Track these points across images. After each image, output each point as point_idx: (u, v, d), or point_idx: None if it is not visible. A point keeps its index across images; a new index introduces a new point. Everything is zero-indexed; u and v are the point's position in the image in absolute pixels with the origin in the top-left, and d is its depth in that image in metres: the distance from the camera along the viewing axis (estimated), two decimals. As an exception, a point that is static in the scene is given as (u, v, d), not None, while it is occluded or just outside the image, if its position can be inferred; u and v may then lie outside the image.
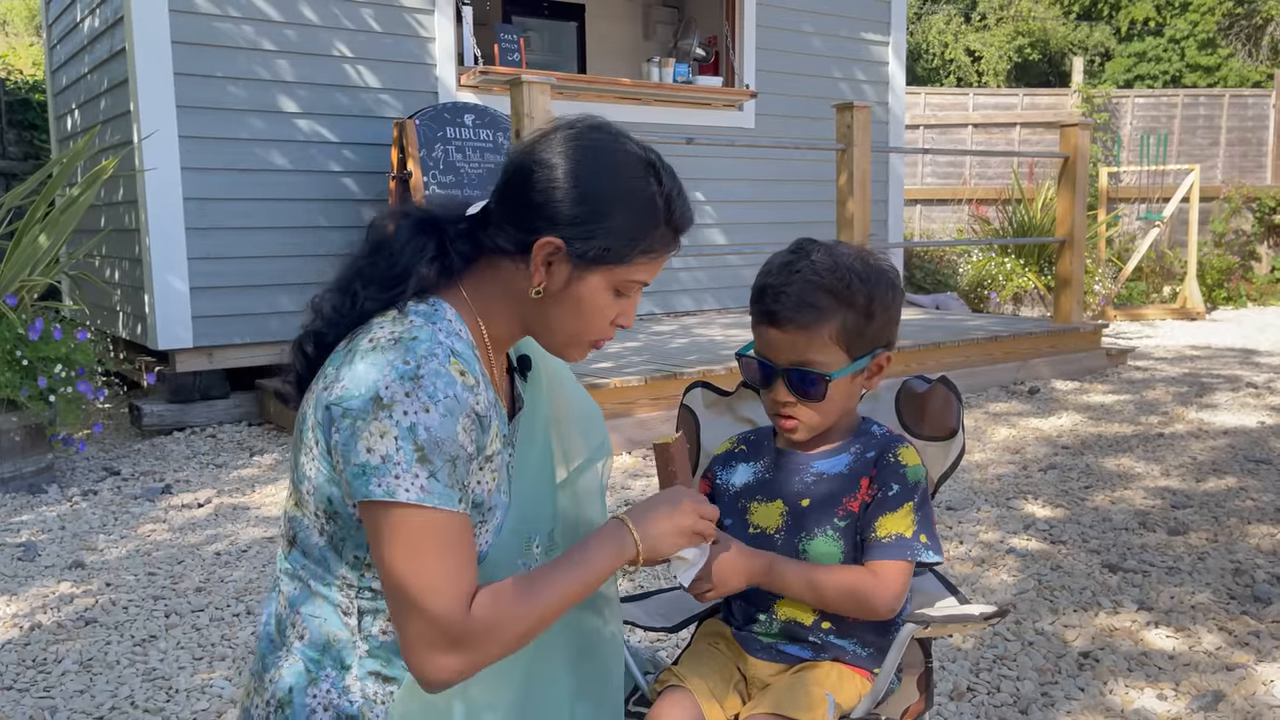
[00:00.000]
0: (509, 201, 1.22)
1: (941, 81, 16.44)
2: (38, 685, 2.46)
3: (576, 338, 1.26)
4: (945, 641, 2.58)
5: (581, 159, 1.19)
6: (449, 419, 1.11)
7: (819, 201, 7.24)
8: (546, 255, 1.19)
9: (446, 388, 1.12)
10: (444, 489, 1.11)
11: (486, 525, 1.22)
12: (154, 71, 5.01)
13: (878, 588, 1.35)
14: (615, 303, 1.24)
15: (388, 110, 5.64)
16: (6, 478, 4.08)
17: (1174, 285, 10.38)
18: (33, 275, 4.29)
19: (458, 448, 1.13)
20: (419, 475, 1.10)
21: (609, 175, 1.19)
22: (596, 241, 1.18)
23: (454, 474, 1.13)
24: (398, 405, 1.10)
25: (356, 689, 1.19)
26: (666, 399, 4.60)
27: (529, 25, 8.10)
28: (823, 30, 7.42)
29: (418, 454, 1.10)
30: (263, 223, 5.31)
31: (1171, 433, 4.73)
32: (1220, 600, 2.84)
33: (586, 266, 1.19)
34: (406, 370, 1.11)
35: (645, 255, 1.22)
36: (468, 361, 1.16)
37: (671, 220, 1.23)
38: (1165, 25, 16.46)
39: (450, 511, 1.12)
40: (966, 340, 5.75)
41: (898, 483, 1.39)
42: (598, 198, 1.18)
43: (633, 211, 1.19)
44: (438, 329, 1.17)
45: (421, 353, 1.13)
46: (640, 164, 1.21)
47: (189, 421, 5.20)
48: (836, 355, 1.39)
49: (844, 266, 1.39)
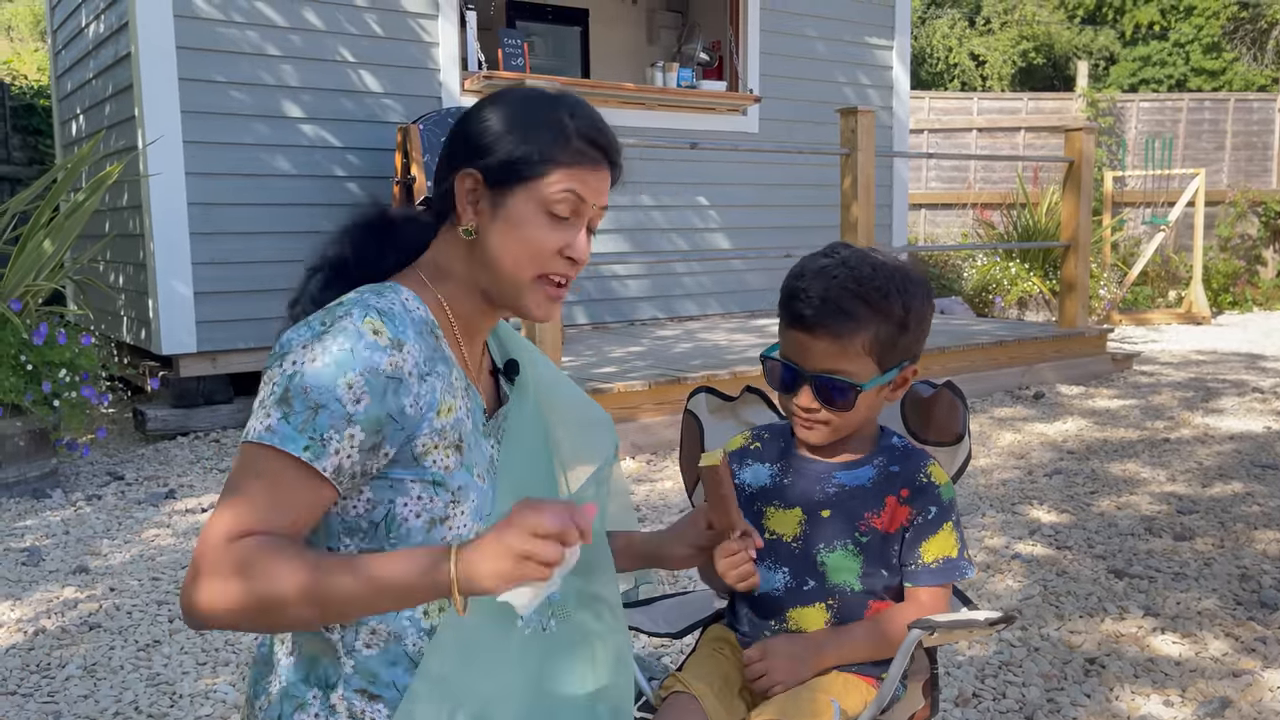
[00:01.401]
0: (439, 168, 1.26)
1: (946, 86, 16.44)
2: (42, 690, 2.45)
3: (519, 274, 1.22)
4: (950, 647, 2.57)
5: (494, 104, 1.25)
6: (330, 369, 1.10)
7: (823, 206, 7.23)
8: (468, 191, 1.22)
9: (345, 342, 1.11)
10: (291, 431, 1.08)
11: (461, 507, 1.20)
12: (158, 77, 5.02)
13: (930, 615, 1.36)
14: (553, 228, 1.21)
15: (391, 115, 5.65)
16: (11, 482, 4.08)
17: (1179, 290, 10.36)
18: (37, 280, 4.30)
19: (328, 398, 1.09)
20: (271, 414, 1.10)
21: (516, 106, 1.24)
22: (501, 156, 1.20)
23: (312, 422, 1.09)
24: (290, 355, 1.12)
25: (343, 708, 1.17)
26: (670, 404, 4.59)
27: (532, 30, 8.11)
28: (827, 35, 7.42)
29: (281, 395, 1.10)
30: (266, 228, 5.32)
31: (1177, 438, 4.72)
32: (1227, 606, 2.82)
33: (504, 189, 1.21)
34: (318, 329, 1.13)
35: (557, 166, 1.21)
36: (392, 322, 1.15)
37: (579, 131, 1.23)
38: (1170, 29, 16.45)
39: (284, 453, 1.08)
40: (971, 345, 5.73)
41: (935, 505, 1.38)
42: (500, 121, 1.22)
43: (536, 126, 1.22)
44: (372, 295, 1.18)
45: (339, 314, 1.14)
46: (546, 95, 1.26)
47: (193, 426, 5.20)
48: (867, 366, 1.35)
49: (883, 276, 1.35)
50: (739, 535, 1.31)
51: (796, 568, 1.42)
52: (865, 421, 1.43)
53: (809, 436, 1.42)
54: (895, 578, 1.41)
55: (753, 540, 1.32)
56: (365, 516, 1.17)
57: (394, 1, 5.65)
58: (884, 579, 1.41)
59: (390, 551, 1.11)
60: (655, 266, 6.79)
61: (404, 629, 1.19)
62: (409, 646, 1.18)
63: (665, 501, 3.85)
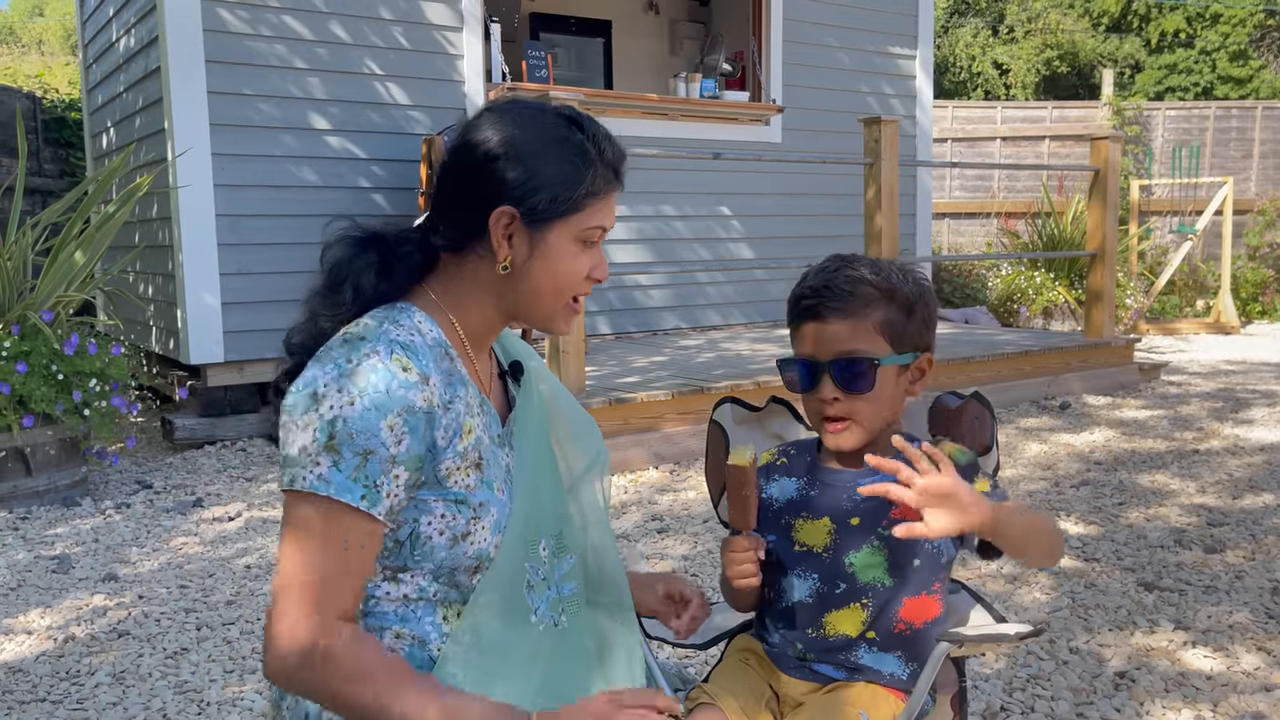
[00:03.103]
0: (450, 193, 1.25)
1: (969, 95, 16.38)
2: (71, 697, 2.48)
3: (556, 302, 1.27)
4: (978, 661, 2.55)
5: (505, 129, 1.22)
6: (371, 413, 1.11)
7: (846, 216, 7.22)
8: (504, 227, 1.21)
9: (378, 382, 1.12)
10: (345, 480, 1.10)
11: (482, 523, 1.21)
12: (188, 90, 5.08)
13: None
14: (582, 254, 1.25)
15: (417, 127, 5.69)
16: (42, 490, 4.13)
17: (1208, 299, 10.26)
18: (69, 291, 4.35)
19: (376, 443, 1.11)
20: (321, 463, 1.10)
21: (535, 135, 1.22)
22: (543, 195, 1.20)
23: (363, 469, 1.11)
24: (326, 399, 1.11)
25: None
26: (693, 414, 4.59)
27: (556, 41, 8.16)
28: (849, 45, 7.42)
29: (328, 443, 1.10)
30: (293, 238, 5.37)
31: (1207, 449, 4.66)
32: (1259, 619, 2.78)
33: (543, 224, 1.22)
34: (345, 367, 1.12)
35: (592, 197, 1.24)
36: (417, 356, 1.16)
37: (605, 158, 1.25)
38: (1196, 37, 16.32)
39: (343, 504, 1.10)
40: (996, 355, 5.70)
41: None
42: (532, 156, 1.21)
43: (566, 159, 1.22)
44: (392, 326, 1.18)
45: (364, 351, 1.14)
46: (559, 118, 1.25)
47: (220, 435, 5.25)
48: (881, 345, 1.37)
49: (882, 265, 1.42)
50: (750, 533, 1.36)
51: (826, 574, 1.41)
52: (891, 414, 1.42)
53: (839, 441, 1.41)
54: (932, 573, 1.39)
55: (761, 542, 1.39)
56: (391, 535, 1.19)
57: (419, 14, 5.70)
58: (917, 571, 1.38)
59: (471, 696, 1.14)
60: (678, 276, 6.80)
61: (428, 633, 1.21)
62: (433, 650, 1.21)
63: (689, 512, 3.84)
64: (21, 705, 2.44)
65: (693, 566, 3.25)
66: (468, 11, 5.83)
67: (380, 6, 5.57)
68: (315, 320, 1.25)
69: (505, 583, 1.24)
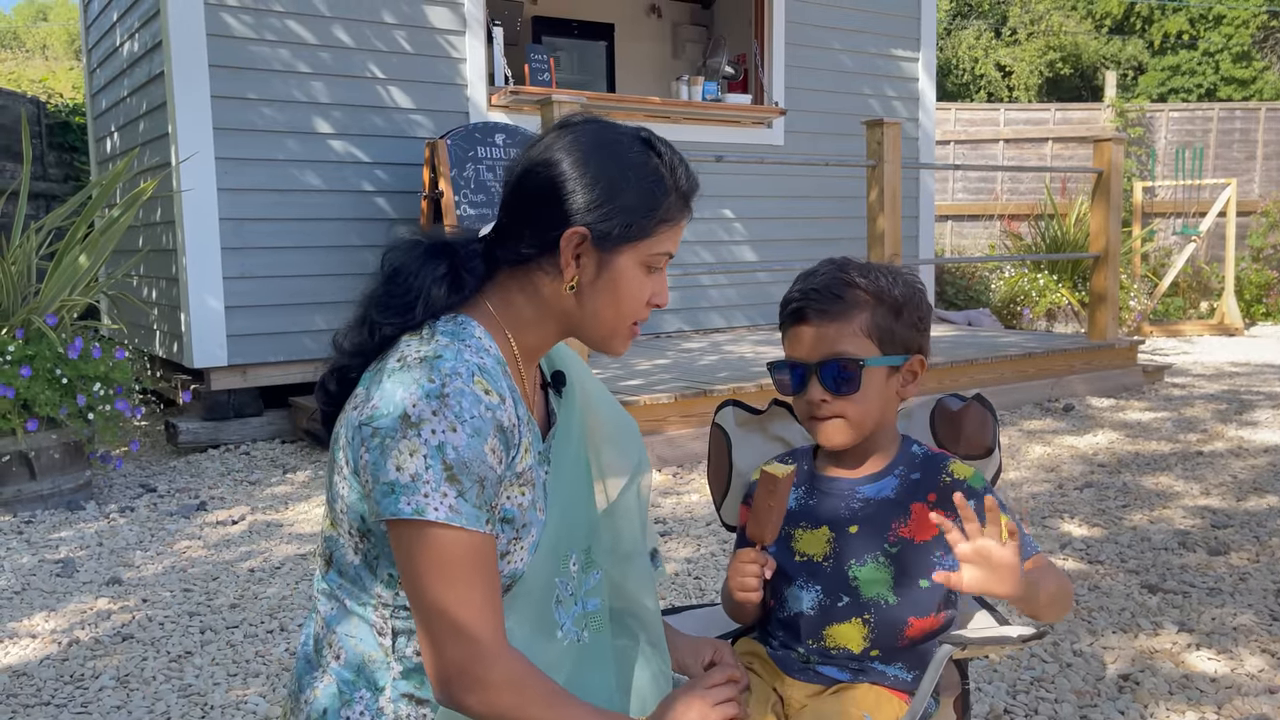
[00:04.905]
0: (522, 208, 1.24)
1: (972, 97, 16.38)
2: (75, 701, 2.48)
3: (617, 325, 1.27)
4: (982, 663, 2.55)
5: (582, 149, 1.22)
6: (476, 439, 1.12)
7: (849, 218, 7.22)
8: (574, 247, 1.21)
9: (472, 406, 1.12)
10: (472, 510, 1.12)
11: (521, 543, 1.22)
12: (191, 94, 5.09)
13: None
14: (648, 280, 1.26)
15: (420, 130, 5.70)
16: (46, 494, 4.14)
17: (1211, 301, 10.24)
18: (73, 295, 4.36)
19: (486, 468, 1.13)
20: (448, 494, 1.10)
21: (613, 157, 1.22)
22: (617, 220, 1.20)
23: (482, 495, 1.13)
24: (426, 424, 1.10)
25: (390, 711, 1.19)
26: (696, 416, 4.59)
27: (559, 45, 8.17)
28: (852, 47, 7.42)
29: (447, 473, 1.10)
30: (297, 242, 5.38)
31: (1211, 450, 4.66)
32: (1263, 622, 2.78)
33: (614, 248, 1.21)
34: (433, 388, 1.12)
35: (664, 224, 1.24)
36: (493, 378, 1.17)
37: (679, 186, 1.25)
38: (1199, 38, 16.31)
39: (477, 533, 1.12)
40: (999, 357, 5.70)
41: (973, 499, 1.37)
42: (608, 180, 1.20)
43: (643, 184, 1.21)
44: (464, 346, 1.17)
45: (446, 370, 1.13)
46: (637, 141, 1.25)
47: (223, 439, 5.25)
48: (868, 347, 1.39)
49: (870, 267, 1.43)
50: (760, 549, 1.37)
51: (829, 586, 1.41)
52: (882, 417, 1.42)
53: (830, 438, 1.41)
54: (935, 591, 1.40)
55: (770, 561, 1.40)
56: None
57: (422, 18, 5.71)
58: (922, 591, 1.39)
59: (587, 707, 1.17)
60: (681, 279, 6.80)
61: None
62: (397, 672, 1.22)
63: (691, 515, 3.84)
64: (26, 709, 2.44)
65: (695, 569, 3.25)
66: (470, 15, 5.84)
67: (383, 10, 5.58)
68: (375, 327, 1.23)
69: (536, 598, 1.24)
